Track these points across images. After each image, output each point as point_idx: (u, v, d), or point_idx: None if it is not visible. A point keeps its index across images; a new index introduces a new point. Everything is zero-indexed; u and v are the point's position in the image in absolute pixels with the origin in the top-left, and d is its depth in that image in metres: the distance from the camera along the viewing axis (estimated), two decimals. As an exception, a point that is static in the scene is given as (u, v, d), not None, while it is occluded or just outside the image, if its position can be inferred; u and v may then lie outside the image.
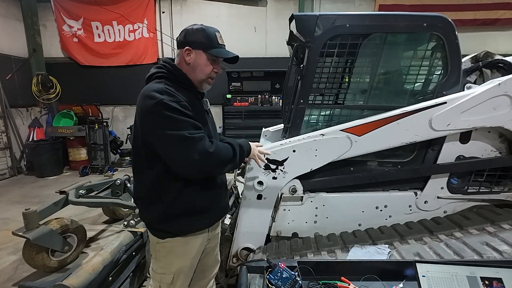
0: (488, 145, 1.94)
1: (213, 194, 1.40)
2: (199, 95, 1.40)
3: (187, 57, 1.31)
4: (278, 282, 1.22)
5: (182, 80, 1.32)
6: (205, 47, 1.29)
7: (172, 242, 1.34)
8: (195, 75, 1.32)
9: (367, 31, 1.82)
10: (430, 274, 1.08)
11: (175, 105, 1.18)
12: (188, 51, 1.30)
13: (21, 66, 6.38)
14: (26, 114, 6.62)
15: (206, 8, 6.66)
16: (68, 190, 2.96)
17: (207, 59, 1.31)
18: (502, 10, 6.25)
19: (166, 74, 1.30)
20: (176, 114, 1.17)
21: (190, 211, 1.32)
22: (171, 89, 1.22)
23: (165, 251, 1.36)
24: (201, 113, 1.36)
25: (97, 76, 6.85)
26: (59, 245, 2.60)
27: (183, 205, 1.30)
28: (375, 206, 1.97)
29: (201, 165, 1.22)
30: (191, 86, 1.35)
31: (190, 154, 1.17)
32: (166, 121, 1.16)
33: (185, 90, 1.31)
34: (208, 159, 1.22)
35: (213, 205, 1.41)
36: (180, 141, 1.17)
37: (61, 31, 6.68)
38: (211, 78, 1.37)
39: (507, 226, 1.70)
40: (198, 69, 1.31)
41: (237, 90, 6.35)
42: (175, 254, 1.36)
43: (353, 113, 1.95)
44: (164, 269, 1.38)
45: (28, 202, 4.44)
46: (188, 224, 1.34)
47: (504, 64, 2.02)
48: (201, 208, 1.35)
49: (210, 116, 1.49)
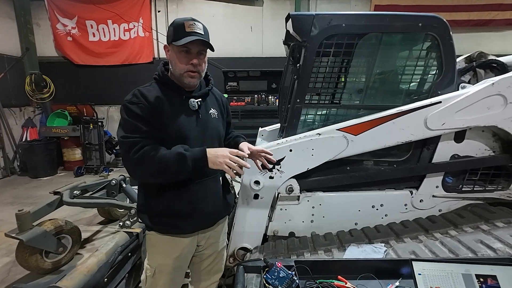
0: (482, 144, 1.96)
1: (192, 201, 1.33)
2: (184, 96, 1.33)
3: (167, 55, 1.32)
4: (275, 281, 1.22)
5: (166, 81, 1.33)
6: (173, 39, 1.24)
7: (155, 236, 1.37)
8: (174, 71, 1.31)
9: (363, 31, 1.83)
10: (426, 272, 1.09)
11: (132, 106, 1.22)
12: (166, 49, 1.32)
13: (14, 65, 6.28)
14: (19, 114, 6.52)
15: (202, 8, 6.64)
16: (63, 191, 2.91)
17: (178, 52, 1.26)
18: (495, 11, 6.34)
19: (156, 76, 1.36)
20: (126, 115, 1.23)
21: (167, 213, 1.32)
22: (144, 90, 1.27)
23: (150, 242, 1.42)
24: (180, 115, 1.30)
25: (92, 75, 6.77)
26: (53, 246, 2.57)
27: (161, 206, 1.32)
28: (371, 205, 1.99)
29: (131, 169, 1.26)
30: (175, 86, 1.33)
31: (123, 157, 1.24)
32: (120, 121, 1.26)
33: (171, 91, 1.32)
34: (135, 166, 1.23)
35: (192, 211, 1.33)
36: (119, 142, 1.26)
37: (55, 30, 6.59)
38: (192, 72, 1.28)
39: (501, 224, 1.73)
40: (173, 64, 1.30)
41: (234, 90, 6.33)
42: (156, 249, 1.39)
43: (349, 113, 1.96)
44: (149, 260, 1.43)
45: (21, 203, 4.38)
46: (165, 225, 1.34)
47: (497, 64, 2.05)
48: (178, 212, 1.31)
49: (202, 117, 1.37)
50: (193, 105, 1.34)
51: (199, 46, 1.27)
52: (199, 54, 1.28)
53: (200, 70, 1.31)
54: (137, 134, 1.21)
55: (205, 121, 1.39)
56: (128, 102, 1.25)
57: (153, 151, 1.20)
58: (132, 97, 1.25)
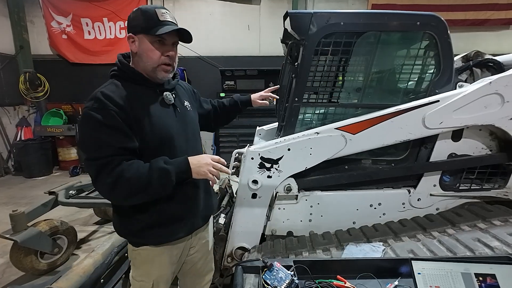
0: (479, 143, 1.97)
1: (186, 201, 1.28)
2: (157, 90, 1.22)
3: (132, 46, 1.17)
4: (274, 281, 1.21)
5: (132, 76, 1.18)
6: (145, 29, 1.11)
7: (147, 251, 1.26)
8: (144, 64, 1.16)
9: (361, 30, 1.82)
10: (426, 272, 1.09)
11: (96, 115, 1.03)
12: (132, 39, 1.16)
13: (8, 63, 6.19)
14: (13, 113, 6.43)
15: (199, 6, 6.59)
16: (58, 191, 2.89)
17: (151, 43, 1.12)
18: (491, 11, 6.38)
19: (116, 72, 1.20)
20: (90, 128, 1.05)
21: (160, 221, 1.23)
22: (107, 91, 1.09)
23: (141, 258, 1.29)
24: (157, 112, 1.18)
25: (88, 74, 6.69)
26: (48, 247, 2.54)
27: (150, 215, 1.21)
28: (369, 204, 1.99)
29: (106, 195, 1.09)
30: (145, 80, 1.19)
31: (94, 181, 1.07)
32: (81, 138, 1.11)
33: (139, 86, 1.18)
34: (111, 191, 1.07)
35: (186, 212, 1.29)
36: (85, 164, 1.08)
37: (50, 28, 6.50)
38: (167, 64, 1.17)
39: (498, 223, 1.74)
40: (145, 57, 1.15)
41: (231, 89, 6.29)
42: (151, 263, 1.28)
43: (347, 112, 1.95)
44: (142, 276, 1.30)
45: (16, 203, 4.33)
46: (158, 235, 1.24)
47: (494, 63, 2.06)
48: (171, 216, 1.25)
49: (181, 111, 1.28)
50: (169, 99, 1.23)
51: (174, 37, 1.17)
52: (173, 46, 1.19)
53: (174, 63, 1.21)
54: (107, 152, 1.04)
55: (184, 115, 1.30)
56: (89, 109, 1.05)
57: (130, 170, 1.05)
58: (94, 102, 1.06)
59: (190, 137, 1.32)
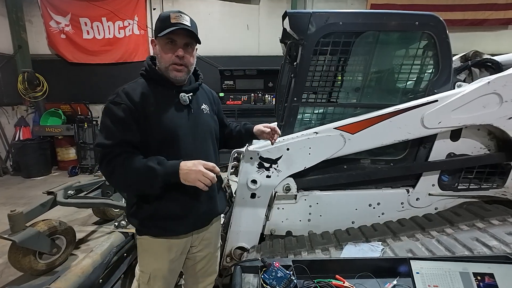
0: (478, 143, 1.98)
1: (187, 201, 1.30)
2: (174, 90, 1.29)
3: (154, 50, 1.28)
4: (273, 281, 1.21)
5: (153, 76, 1.28)
6: (158, 32, 1.20)
7: (148, 241, 1.32)
8: (160, 65, 1.27)
9: (360, 29, 1.82)
10: (424, 271, 1.09)
11: (114, 107, 1.17)
12: (153, 43, 1.28)
13: (6, 63, 6.17)
14: (12, 113, 6.41)
15: (198, 6, 6.58)
16: (56, 191, 2.87)
17: (163, 45, 1.22)
18: (489, 11, 6.41)
19: (143, 71, 1.30)
20: (106, 117, 1.18)
21: (160, 215, 1.27)
22: (129, 89, 1.22)
23: (141, 247, 1.36)
24: (170, 110, 1.25)
25: (86, 73, 6.67)
26: (46, 247, 2.53)
27: (154, 208, 1.26)
28: (368, 203, 1.99)
29: (106, 179, 1.21)
30: (164, 80, 1.27)
31: (99, 165, 1.21)
32: (100, 125, 1.26)
33: (160, 86, 1.27)
34: (107, 177, 1.20)
35: (187, 212, 1.31)
36: (95, 148, 1.23)
37: (48, 27, 6.48)
38: (177, 64, 1.23)
39: (496, 222, 1.74)
40: (159, 58, 1.25)
41: (230, 89, 6.31)
42: (150, 254, 1.34)
43: (346, 111, 1.96)
44: (142, 266, 1.37)
45: (14, 203, 4.31)
46: (158, 228, 1.29)
47: (492, 63, 2.06)
48: (172, 214, 1.28)
49: (194, 113, 1.33)
50: (184, 100, 1.29)
51: (185, 38, 1.22)
52: (185, 47, 1.24)
53: (187, 63, 1.25)
54: (112, 141, 1.15)
55: (197, 117, 1.34)
56: (110, 102, 1.19)
57: (125, 163, 1.14)
58: (116, 96, 1.20)
59: (200, 139, 1.34)
